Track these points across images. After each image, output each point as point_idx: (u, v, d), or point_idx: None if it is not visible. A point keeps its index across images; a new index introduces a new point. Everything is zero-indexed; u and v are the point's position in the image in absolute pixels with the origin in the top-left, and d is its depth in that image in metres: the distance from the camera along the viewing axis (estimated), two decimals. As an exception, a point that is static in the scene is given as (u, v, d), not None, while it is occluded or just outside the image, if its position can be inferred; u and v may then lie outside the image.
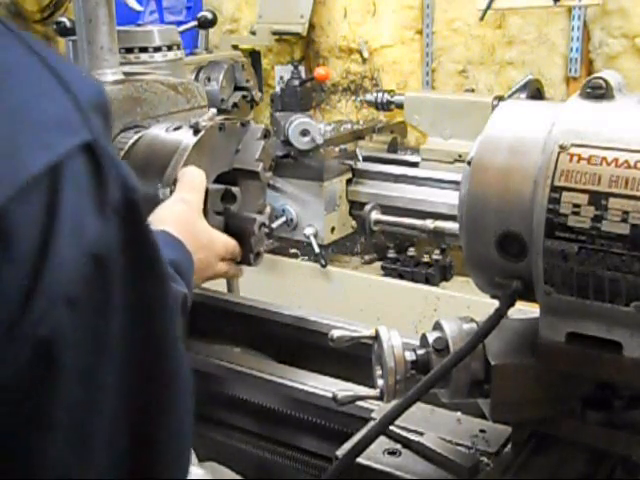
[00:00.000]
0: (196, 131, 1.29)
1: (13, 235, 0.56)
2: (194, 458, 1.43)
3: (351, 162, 3.23)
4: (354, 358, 1.40)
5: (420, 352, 1.00)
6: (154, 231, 0.97)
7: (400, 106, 3.41)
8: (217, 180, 1.37)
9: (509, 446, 1.07)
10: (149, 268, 0.70)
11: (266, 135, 1.37)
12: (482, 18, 3.50)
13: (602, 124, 0.89)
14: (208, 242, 1.31)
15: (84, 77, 0.69)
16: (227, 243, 1.37)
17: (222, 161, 1.36)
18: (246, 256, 1.41)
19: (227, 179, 1.38)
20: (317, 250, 3.08)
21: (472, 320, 1.01)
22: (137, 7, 2.03)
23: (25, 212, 0.57)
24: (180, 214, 1.26)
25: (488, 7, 3.40)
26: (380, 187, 3.18)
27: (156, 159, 1.31)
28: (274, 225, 2.89)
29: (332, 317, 1.62)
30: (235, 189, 1.36)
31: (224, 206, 1.36)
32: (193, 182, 1.30)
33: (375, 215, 2.91)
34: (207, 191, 1.31)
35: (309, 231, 3.11)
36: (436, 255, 3.04)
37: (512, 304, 0.95)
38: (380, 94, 3.52)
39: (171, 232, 1.19)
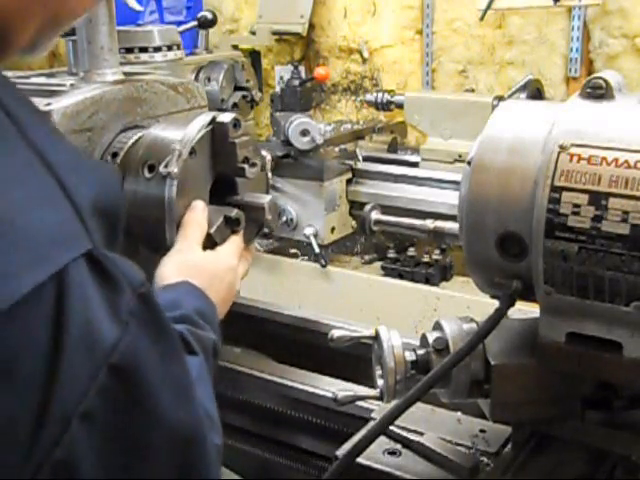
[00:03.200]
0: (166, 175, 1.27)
1: (13, 360, 0.53)
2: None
3: (351, 162, 3.23)
4: (354, 358, 1.40)
5: (420, 352, 1.00)
6: (173, 289, 0.97)
7: (400, 106, 3.40)
8: (214, 184, 1.35)
9: (509, 446, 1.07)
10: (174, 355, 0.69)
11: (236, 125, 1.32)
12: (482, 18, 3.49)
13: (602, 124, 0.89)
14: (217, 267, 1.25)
15: (86, 173, 0.67)
16: (230, 249, 1.31)
17: (207, 175, 1.33)
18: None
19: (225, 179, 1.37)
20: (317, 250, 3.08)
21: (472, 320, 1.01)
22: (137, 7, 2.03)
23: (24, 332, 0.54)
24: (180, 262, 1.23)
25: (488, 7, 3.40)
26: (380, 187, 3.18)
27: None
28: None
29: (332, 317, 1.62)
30: (234, 213, 1.31)
31: (230, 228, 1.33)
32: (186, 229, 1.27)
33: (375, 215, 2.89)
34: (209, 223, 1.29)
35: (309, 231, 3.11)
36: (436, 255, 3.04)
37: (512, 304, 0.95)
38: (380, 94, 3.52)
39: (188, 281, 1.15)
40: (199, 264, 1.23)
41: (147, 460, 0.64)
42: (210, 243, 1.28)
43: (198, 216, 1.27)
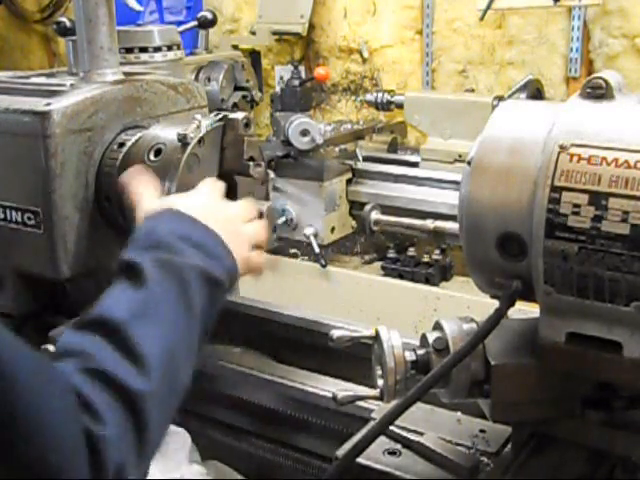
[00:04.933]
0: (183, 145, 1.26)
1: None
2: (197, 456, 1.43)
3: (351, 162, 3.23)
4: (354, 358, 1.40)
5: (420, 352, 1.00)
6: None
7: (400, 106, 3.41)
8: None
9: (509, 446, 1.07)
10: None
11: (247, 124, 1.34)
12: (482, 18, 3.50)
13: (602, 124, 0.89)
14: (221, 212, 1.13)
15: None
16: (239, 205, 1.21)
17: (212, 170, 1.34)
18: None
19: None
20: (317, 250, 3.08)
21: (472, 320, 1.01)
22: (137, 7, 2.03)
23: None
24: (164, 201, 1.14)
25: (488, 7, 3.40)
26: (380, 187, 3.18)
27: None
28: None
29: (332, 317, 1.62)
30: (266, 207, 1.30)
31: None
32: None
33: (375, 215, 2.91)
34: None
35: (309, 231, 3.11)
36: (436, 255, 3.04)
37: (512, 304, 0.95)
38: (380, 94, 3.52)
39: (172, 209, 1.05)
40: (188, 202, 1.11)
41: None
42: None
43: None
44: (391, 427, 1.05)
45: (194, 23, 3.48)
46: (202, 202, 1.12)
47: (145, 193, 1.17)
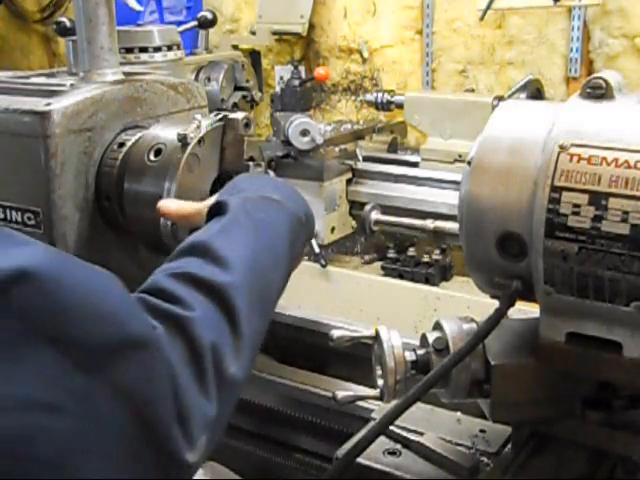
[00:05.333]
0: (183, 145, 1.27)
1: None
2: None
3: (351, 162, 3.23)
4: (354, 358, 1.40)
5: (420, 352, 1.00)
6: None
7: (400, 106, 3.41)
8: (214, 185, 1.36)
9: (509, 446, 1.07)
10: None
11: (247, 124, 1.34)
12: (482, 18, 3.50)
13: (602, 124, 0.89)
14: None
15: None
16: None
17: (211, 170, 1.34)
18: None
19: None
20: (317, 250, 3.07)
21: (472, 320, 1.01)
22: (137, 7, 2.03)
23: None
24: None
25: (488, 7, 3.40)
26: (380, 187, 3.18)
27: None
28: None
29: (332, 317, 1.62)
30: None
31: None
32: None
33: (375, 215, 2.90)
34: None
35: (309, 231, 3.11)
36: (436, 255, 3.04)
37: (512, 304, 0.95)
38: (380, 94, 3.52)
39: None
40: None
41: None
42: None
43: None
44: (391, 427, 1.05)
45: (194, 23, 3.48)
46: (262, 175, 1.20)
47: (186, 205, 1.20)
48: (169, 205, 1.21)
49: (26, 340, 0.64)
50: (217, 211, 1.00)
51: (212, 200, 1.12)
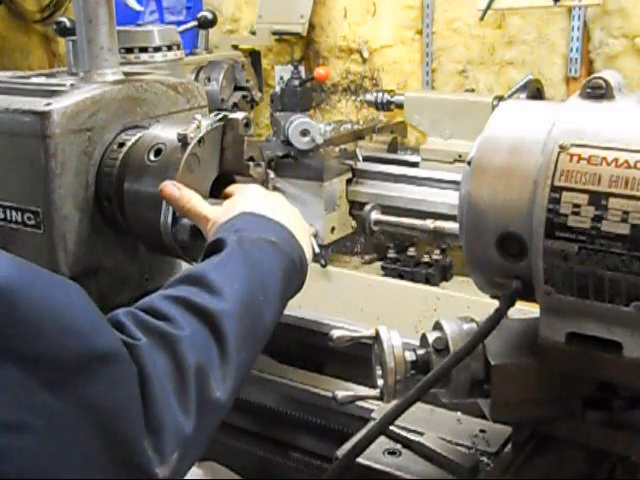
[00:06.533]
0: (184, 145, 1.27)
1: None
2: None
3: (351, 162, 3.23)
4: (354, 358, 1.40)
5: (420, 352, 1.00)
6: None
7: (400, 106, 3.40)
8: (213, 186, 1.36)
9: (509, 446, 1.07)
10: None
11: (247, 124, 1.34)
12: (482, 18, 3.49)
13: (602, 124, 0.89)
14: (285, 209, 1.21)
15: None
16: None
17: (211, 171, 1.34)
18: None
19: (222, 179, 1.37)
20: (317, 250, 3.06)
21: (472, 320, 1.01)
22: (137, 7, 2.03)
23: None
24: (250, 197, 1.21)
25: (488, 7, 3.40)
26: (380, 187, 3.18)
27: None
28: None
29: (332, 317, 1.62)
30: None
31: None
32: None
33: (375, 215, 2.90)
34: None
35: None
36: (436, 255, 3.04)
37: (512, 304, 0.95)
38: (380, 94, 3.52)
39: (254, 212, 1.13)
40: (256, 203, 1.17)
41: None
42: None
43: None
44: (391, 427, 1.05)
45: (194, 23, 3.48)
46: (267, 203, 1.19)
47: (193, 198, 1.21)
48: (173, 192, 1.22)
49: None
50: (214, 248, 1.03)
51: (218, 214, 1.15)
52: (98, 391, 0.70)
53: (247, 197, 1.21)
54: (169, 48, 2.75)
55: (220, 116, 1.34)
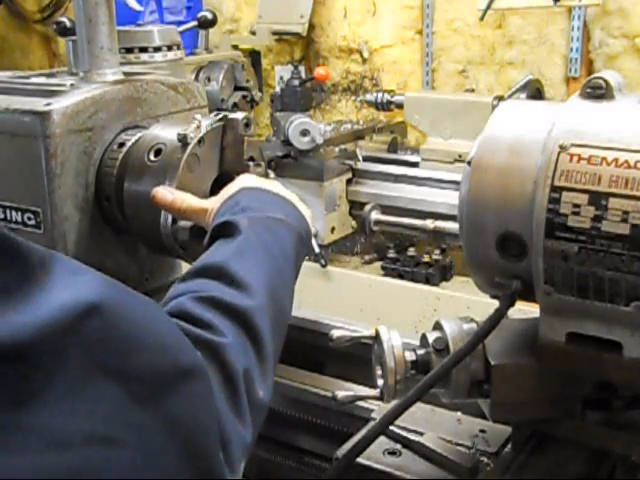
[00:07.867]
0: (184, 145, 1.27)
1: None
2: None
3: (351, 162, 3.23)
4: (354, 358, 1.40)
5: (420, 352, 1.00)
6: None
7: (400, 106, 3.40)
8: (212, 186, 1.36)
9: (509, 446, 1.07)
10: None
11: (247, 124, 1.34)
12: (482, 18, 3.49)
13: (602, 124, 0.89)
14: (282, 189, 1.20)
15: None
16: None
17: (211, 171, 1.34)
18: None
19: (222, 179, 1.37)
20: (317, 250, 3.07)
21: (472, 320, 1.01)
22: (137, 7, 2.03)
23: None
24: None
25: (488, 7, 3.40)
26: (380, 187, 3.18)
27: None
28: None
29: (332, 317, 1.61)
30: None
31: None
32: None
33: (375, 215, 2.91)
34: None
35: (309, 231, 3.10)
36: (436, 255, 3.04)
37: (512, 304, 0.95)
38: (380, 94, 3.52)
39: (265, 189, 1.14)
40: (255, 181, 1.17)
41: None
42: None
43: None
44: (391, 427, 1.05)
45: (194, 23, 3.48)
46: (264, 181, 1.19)
47: (187, 197, 1.21)
48: (165, 196, 1.21)
49: (91, 374, 0.63)
50: (225, 231, 1.02)
51: (216, 201, 1.13)
52: (183, 407, 0.70)
53: (242, 178, 1.20)
54: (169, 48, 2.75)
55: (220, 116, 1.34)
